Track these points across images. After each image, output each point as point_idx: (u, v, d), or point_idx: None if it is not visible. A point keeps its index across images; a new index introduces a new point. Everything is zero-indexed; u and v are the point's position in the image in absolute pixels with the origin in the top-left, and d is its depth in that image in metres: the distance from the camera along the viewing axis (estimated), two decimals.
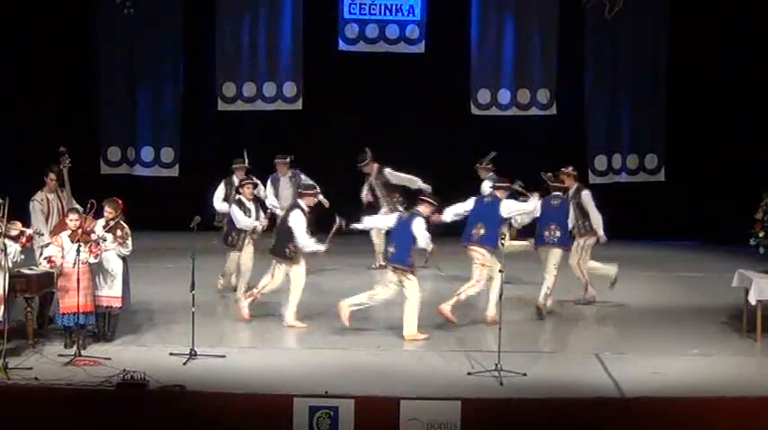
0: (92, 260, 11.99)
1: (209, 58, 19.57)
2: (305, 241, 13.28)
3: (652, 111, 19.73)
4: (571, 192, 14.63)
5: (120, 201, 12.41)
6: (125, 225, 12.37)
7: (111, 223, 12.26)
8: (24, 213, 13.16)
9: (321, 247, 13.39)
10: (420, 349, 12.60)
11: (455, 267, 14.71)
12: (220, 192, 15.34)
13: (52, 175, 13.47)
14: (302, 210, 13.41)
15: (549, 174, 14.46)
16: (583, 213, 14.53)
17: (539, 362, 12.08)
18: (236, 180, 15.28)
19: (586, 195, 14.63)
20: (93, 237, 12.00)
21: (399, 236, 13.00)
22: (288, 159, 16.31)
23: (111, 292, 12.37)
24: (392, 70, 19.46)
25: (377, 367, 11.80)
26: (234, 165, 15.53)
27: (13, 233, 12.02)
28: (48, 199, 13.44)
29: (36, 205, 13.38)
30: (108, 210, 12.27)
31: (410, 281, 12.91)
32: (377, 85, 19.48)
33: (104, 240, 12.11)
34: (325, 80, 19.45)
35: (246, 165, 15.52)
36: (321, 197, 15.77)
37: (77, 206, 12.83)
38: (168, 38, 19.49)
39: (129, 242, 12.35)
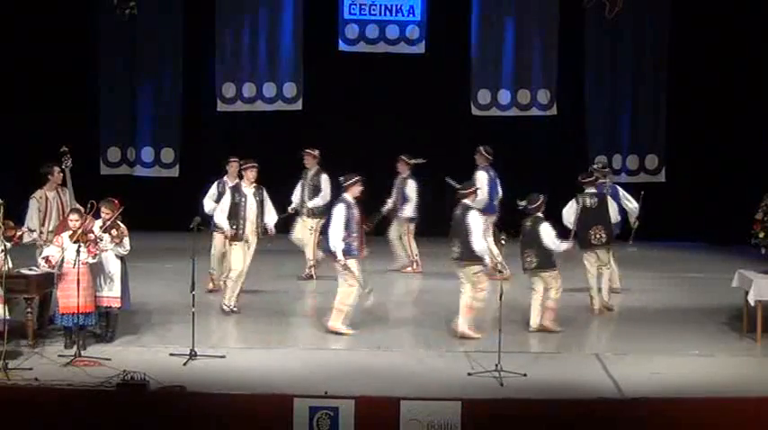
0: (90, 260, 11.98)
1: (209, 58, 19.57)
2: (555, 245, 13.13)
3: (652, 111, 19.72)
4: (400, 177, 16.60)
5: (116, 202, 12.40)
6: (121, 225, 12.36)
7: (108, 223, 12.26)
8: (24, 212, 13.17)
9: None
10: (420, 349, 12.60)
11: None
12: (211, 193, 15.10)
13: (58, 169, 13.43)
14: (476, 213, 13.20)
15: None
16: (404, 197, 16.48)
17: (539, 362, 12.08)
18: (227, 180, 15.14)
19: (411, 183, 16.50)
20: (91, 236, 12.00)
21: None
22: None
23: (110, 293, 12.36)
24: (392, 70, 19.47)
25: (377, 367, 11.80)
26: (231, 159, 15.39)
27: (9, 233, 12.04)
28: (47, 197, 13.42)
29: (34, 202, 13.36)
30: (105, 211, 12.26)
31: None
32: (377, 86, 19.49)
33: (101, 240, 12.11)
34: (326, 80, 19.45)
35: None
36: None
37: (78, 206, 12.84)
38: (168, 38, 19.49)
39: (126, 241, 12.34)
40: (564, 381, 11.36)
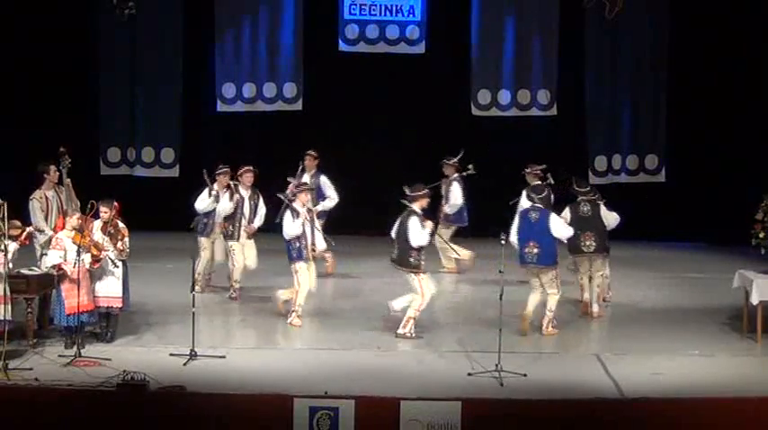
0: (91, 268, 12.03)
1: (209, 58, 19.56)
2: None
3: (652, 111, 19.70)
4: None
5: (115, 203, 12.40)
6: (123, 231, 12.34)
7: (110, 228, 12.24)
8: (24, 213, 13.17)
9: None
10: (420, 349, 12.60)
11: None
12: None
13: (54, 168, 13.48)
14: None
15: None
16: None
17: (539, 362, 12.09)
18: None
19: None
20: (103, 255, 12.03)
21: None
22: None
23: (110, 293, 12.37)
24: (392, 71, 19.45)
25: (377, 367, 11.81)
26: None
27: (14, 233, 12.06)
28: (47, 197, 13.47)
29: (35, 203, 13.40)
30: (103, 210, 12.27)
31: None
32: (377, 86, 19.46)
33: (115, 265, 12.18)
34: (326, 81, 19.44)
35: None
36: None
37: (77, 201, 12.88)
38: (168, 38, 19.46)
39: (126, 241, 12.34)
40: (564, 381, 11.36)
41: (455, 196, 16.24)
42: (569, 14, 19.36)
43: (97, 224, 12.35)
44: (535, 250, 13.10)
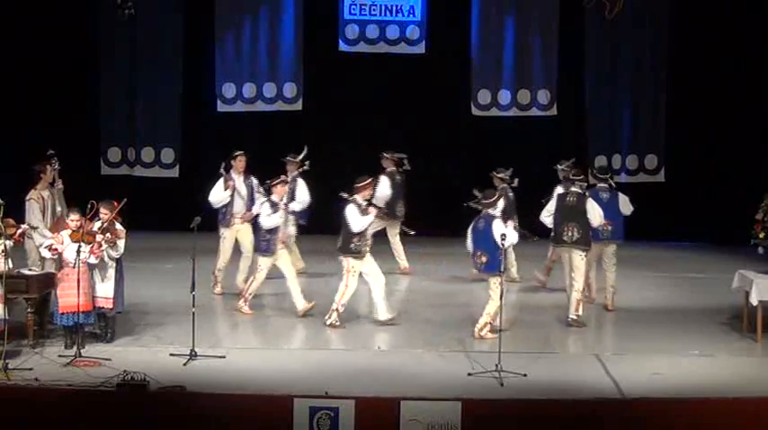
0: (92, 260, 12.02)
1: (209, 58, 19.57)
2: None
3: (652, 111, 19.72)
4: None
5: (115, 203, 12.40)
6: (119, 226, 12.33)
7: (106, 225, 12.24)
8: (23, 213, 13.18)
9: None
10: (420, 349, 12.60)
11: None
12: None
13: (50, 168, 13.52)
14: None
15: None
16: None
17: (539, 362, 12.08)
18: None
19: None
20: (99, 238, 12.02)
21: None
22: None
23: (102, 293, 12.33)
24: (392, 71, 19.46)
25: (377, 367, 11.81)
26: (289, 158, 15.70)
27: (9, 231, 12.06)
28: (43, 196, 13.49)
29: (33, 203, 13.42)
30: (104, 211, 12.27)
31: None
32: (377, 86, 19.48)
33: (111, 258, 12.18)
34: (326, 81, 19.46)
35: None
36: None
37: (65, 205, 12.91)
38: (168, 38, 19.48)
39: (121, 244, 12.31)
40: (564, 381, 11.37)
41: (302, 192, 15.95)
42: (569, 14, 19.38)
43: (97, 225, 12.32)
44: (609, 227, 14.25)
